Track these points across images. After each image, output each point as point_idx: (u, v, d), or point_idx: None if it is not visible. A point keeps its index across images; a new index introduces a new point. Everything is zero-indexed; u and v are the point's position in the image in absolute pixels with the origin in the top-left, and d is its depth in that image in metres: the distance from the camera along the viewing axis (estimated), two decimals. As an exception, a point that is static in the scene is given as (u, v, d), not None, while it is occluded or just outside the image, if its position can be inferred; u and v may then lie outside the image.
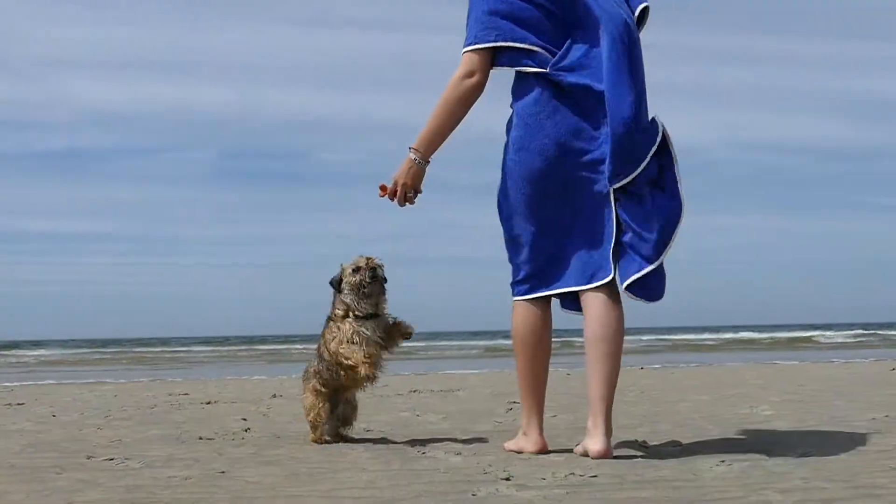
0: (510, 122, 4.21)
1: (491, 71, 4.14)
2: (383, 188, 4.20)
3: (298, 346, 34.73)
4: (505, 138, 4.22)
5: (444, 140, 4.16)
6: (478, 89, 4.13)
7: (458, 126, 4.17)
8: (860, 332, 40.18)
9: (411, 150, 4.14)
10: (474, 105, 4.16)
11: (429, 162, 4.17)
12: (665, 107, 4.18)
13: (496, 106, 4.28)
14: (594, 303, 4.14)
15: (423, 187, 4.21)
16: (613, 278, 4.12)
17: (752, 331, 45.93)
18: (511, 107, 4.22)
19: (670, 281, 4.16)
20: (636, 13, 4.14)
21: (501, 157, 4.23)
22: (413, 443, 4.70)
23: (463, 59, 4.12)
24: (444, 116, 4.13)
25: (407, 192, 4.17)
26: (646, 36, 4.17)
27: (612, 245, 4.11)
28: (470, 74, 4.10)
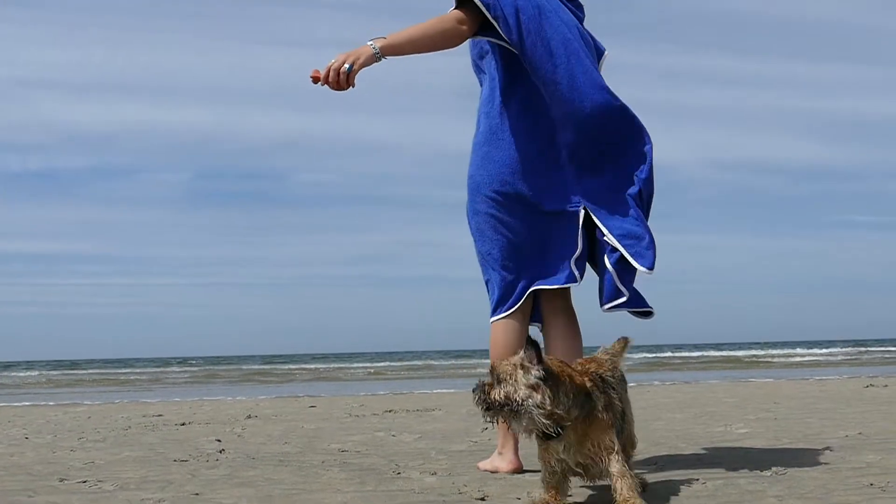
0: (474, 138, 4.23)
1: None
2: (317, 73, 3.92)
3: (278, 367, 34.62)
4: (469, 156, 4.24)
5: (404, 54, 4.00)
6: (461, 38, 4.07)
7: (424, 54, 4.03)
8: (834, 349, 40.37)
9: (373, 40, 3.96)
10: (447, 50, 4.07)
11: (380, 60, 3.97)
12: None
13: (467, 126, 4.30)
14: (554, 318, 4.20)
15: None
16: (574, 282, 4.14)
17: (727, 349, 46.09)
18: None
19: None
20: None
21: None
22: (388, 463, 4.69)
23: (456, 12, 4.04)
24: (423, 36, 3.99)
25: (352, 69, 3.90)
26: (619, 57, 4.21)
27: (577, 252, 4.12)
28: (463, 23, 4.05)
